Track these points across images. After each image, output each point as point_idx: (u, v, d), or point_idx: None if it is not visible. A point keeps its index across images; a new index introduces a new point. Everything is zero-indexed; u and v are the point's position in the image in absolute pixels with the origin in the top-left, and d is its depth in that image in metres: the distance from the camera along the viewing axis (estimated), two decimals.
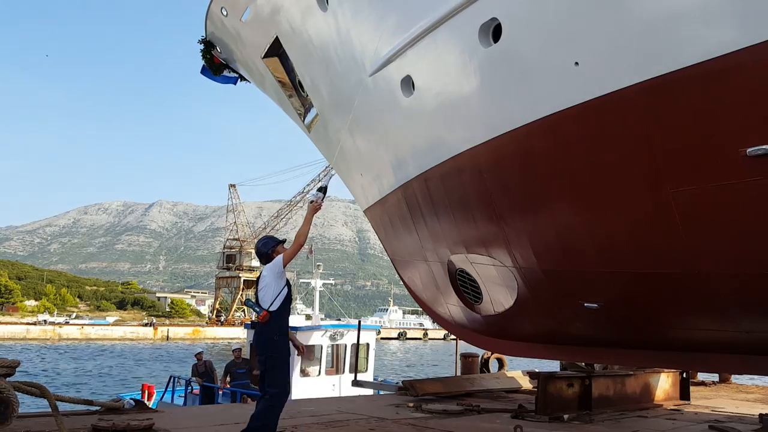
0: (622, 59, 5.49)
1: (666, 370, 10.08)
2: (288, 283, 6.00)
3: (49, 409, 6.18)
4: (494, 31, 6.56)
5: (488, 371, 12.88)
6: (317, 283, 21.38)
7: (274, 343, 5.77)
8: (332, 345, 17.97)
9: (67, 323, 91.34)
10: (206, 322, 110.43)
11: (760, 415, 7.92)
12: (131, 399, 16.21)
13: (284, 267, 5.92)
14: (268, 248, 6.15)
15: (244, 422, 7.32)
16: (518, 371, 12.19)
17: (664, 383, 10.21)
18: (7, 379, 5.59)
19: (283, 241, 6.29)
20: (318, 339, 17.54)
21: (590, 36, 5.69)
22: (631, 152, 5.75)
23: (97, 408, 7.50)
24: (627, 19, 5.39)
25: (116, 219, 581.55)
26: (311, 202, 6.22)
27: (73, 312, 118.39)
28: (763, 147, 4.83)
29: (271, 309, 5.82)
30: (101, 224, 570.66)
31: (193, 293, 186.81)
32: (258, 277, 6.17)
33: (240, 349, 17.79)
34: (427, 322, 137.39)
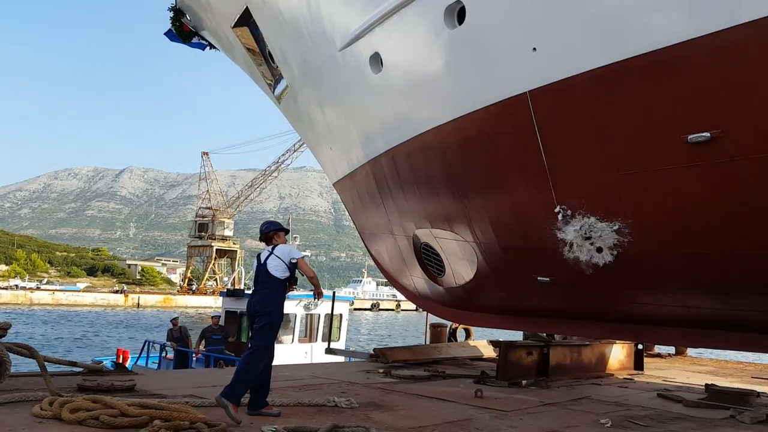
0: (576, 47, 5.76)
1: (620, 342, 10.64)
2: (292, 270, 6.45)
3: (37, 369, 6.50)
4: (459, 13, 6.75)
5: (455, 340, 13.38)
6: None
7: (275, 305, 6.21)
8: (306, 314, 18.39)
9: (38, 288, 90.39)
10: (177, 291, 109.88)
11: (707, 385, 8.48)
12: (112, 362, 16.52)
13: (296, 267, 6.43)
14: (269, 230, 6.64)
15: (221, 385, 7.68)
16: (483, 341, 12.69)
17: (619, 354, 10.79)
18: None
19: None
20: (292, 308, 17.91)
21: (548, 23, 5.94)
22: (583, 136, 6.05)
23: (80, 369, 7.77)
24: (581, 9, 5.65)
25: (87, 185, 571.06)
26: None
27: (44, 277, 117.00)
28: (704, 134, 5.15)
29: (280, 276, 6.32)
30: (71, 190, 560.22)
31: (164, 261, 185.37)
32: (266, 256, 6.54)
33: (219, 317, 18.08)
34: (400, 293, 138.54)
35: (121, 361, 19.06)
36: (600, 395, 8.22)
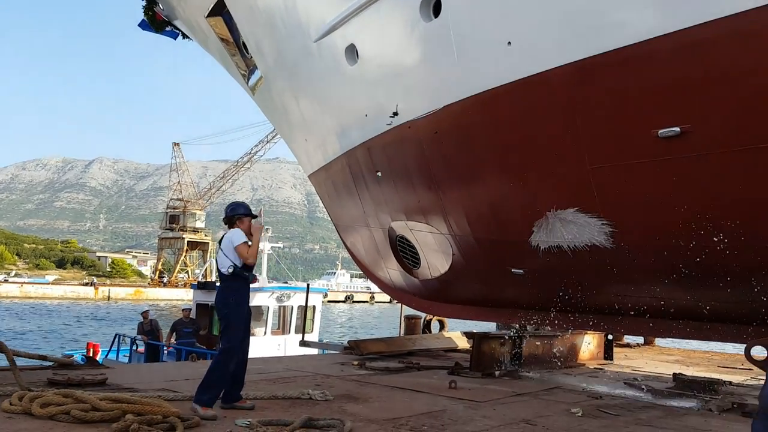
0: (550, 42, 5.83)
1: (591, 332, 10.82)
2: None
3: (5, 364, 6.38)
4: (435, 6, 6.76)
5: (430, 332, 13.46)
6: (266, 246, 21.56)
7: (227, 305, 5.87)
8: (279, 306, 18.33)
9: (6, 281, 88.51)
10: (148, 283, 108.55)
11: (674, 374, 8.68)
12: (83, 355, 16.29)
13: (236, 253, 5.84)
14: (233, 213, 6.14)
15: (193, 378, 7.63)
16: (457, 332, 12.79)
17: (590, 344, 10.98)
18: None
19: (255, 216, 6.31)
20: (264, 300, 17.84)
21: (522, 18, 5.99)
22: (556, 130, 6.12)
23: (50, 363, 7.65)
24: (556, 4, 5.72)
25: (55, 175, 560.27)
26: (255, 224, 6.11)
27: (12, 270, 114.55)
28: (673, 129, 5.24)
29: (225, 272, 5.88)
30: (40, 180, 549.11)
31: (134, 253, 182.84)
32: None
33: (189, 309, 17.95)
34: (374, 285, 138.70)
35: (91, 354, 18.83)
36: (571, 385, 8.37)
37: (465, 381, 8.08)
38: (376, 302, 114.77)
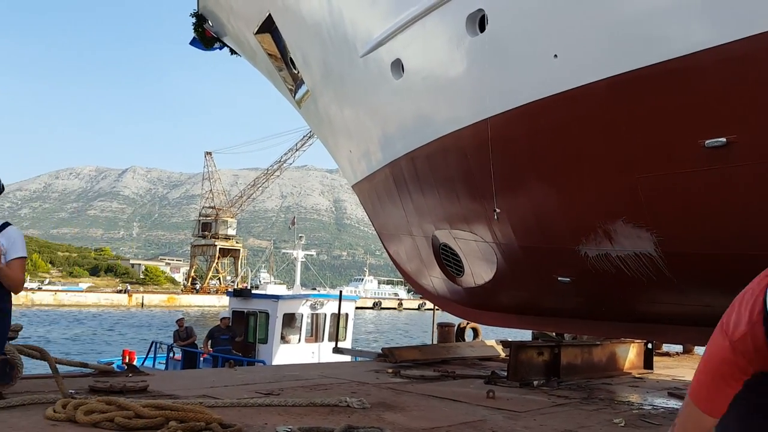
0: (597, 54, 5.90)
1: (631, 341, 10.65)
2: None
3: (48, 371, 6.47)
4: (480, 21, 6.90)
5: (463, 340, 13.38)
6: (299, 254, 21.70)
7: None
8: (312, 314, 18.42)
9: (39, 289, 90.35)
10: (181, 290, 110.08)
11: None
12: (124, 363, 16.54)
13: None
14: None
15: (232, 385, 7.71)
16: (492, 340, 12.69)
17: (629, 353, 10.79)
18: (11, 342, 5.85)
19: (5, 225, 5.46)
20: (299, 308, 17.96)
21: (569, 31, 6.08)
22: (603, 140, 6.17)
23: (91, 370, 7.76)
24: (602, 17, 5.80)
25: (88, 184, 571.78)
26: None
27: (46, 278, 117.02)
28: (720, 139, 5.27)
29: None
30: (73, 189, 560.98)
31: (167, 260, 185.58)
32: None
33: (228, 318, 18.11)
34: (402, 292, 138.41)
35: (127, 362, 19.12)
36: (612, 394, 8.25)
37: (503, 390, 8.00)
38: (404, 309, 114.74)
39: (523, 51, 6.57)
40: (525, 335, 12.85)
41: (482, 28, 6.87)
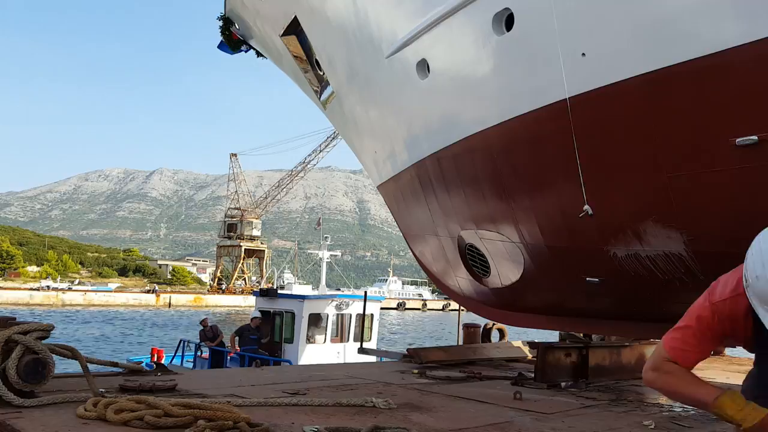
0: (625, 52, 5.82)
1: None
2: None
3: (79, 370, 6.56)
4: (507, 20, 6.85)
5: (489, 341, 13.28)
6: (324, 255, 21.79)
7: None
8: (337, 314, 18.49)
9: (69, 289, 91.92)
10: (207, 290, 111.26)
11: None
12: (152, 362, 16.78)
13: None
14: None
15: (259, 384, 7.75)
16: (519, 341, 12.58)
17: None
18: (43, 341, 5.94)
19: None
20: (325, 308, 18.04)
21: (597, 29, 6.01)
22: (632, 139, 6.10)
23: (121, 369, 7.85)
24: (631, 15, 5.72)
25: (117, 186, 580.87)
26: None
27: (75, 278, 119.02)
28: (751, 137, 5.19)
29: None
30: (102, 191, 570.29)
31: (194, 261, 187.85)
32: None
33: (259, 318, 18.25)
34: (426, 292, 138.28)
35: (155, 360, 19.41)
36: (641, 396, 8.12)
37: (530, 392, 7.92)
38: (428, 309, 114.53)
39: (550, 49, 6.49)
40: (552, 336, 12.72)
41: (509, 27, 6.83)
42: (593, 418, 6.52)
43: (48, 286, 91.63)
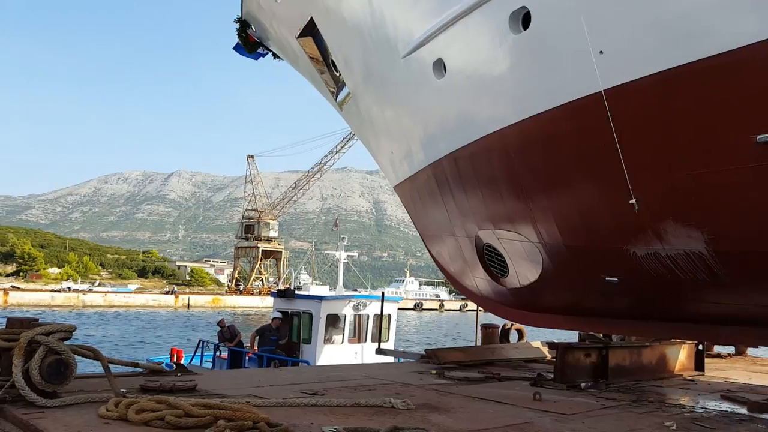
0: (643, 50, 5.77)
1: (681, 342, 10.37)
2: None
3: (101, 371, 6.63)
4: (524, 19, 6.81)
5: (508, 342, 13.21)
6: (341, 255, 21.83)
7: None
8: (355, 315, 18.50)
9: (90, 290, 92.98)
10: (225, 291, 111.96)
11: None
12: (172, 362, 16.94)
13: None
14: None
15: (278, 384, 7.78)
16: (537, 342, 12.50)
17: (680, 355, 10.51)
18: (65, 342, 6.01)
19: None
20: (342, 308, 18.07)
21: (615, 26, 5.95)
22: (650, 137, 6.04)
23: (142, 370, 7.92)
24: (649, 12, 5.66)
25: (136, 188, 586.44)
26: None
27: (96, 280, 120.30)
28: None
29: None
30: (121, 193, 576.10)
31: (212, 262, 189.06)
32: None
33: (279, 318, 18.32)
34: (443, 293, 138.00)
35: (175, 360, 19.58)
36: (662, 397, 8.05)
37: (549, 393, 7.87)
38: (445, 310, 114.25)
39: (567, 48, 6.45)
40: (571, 337, 12.63)
41: (525, 26, 6.80)
42: (614, 419, 6.47)
43: (69, 288, 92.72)
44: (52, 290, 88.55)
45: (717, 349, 13.94)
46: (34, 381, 5.50)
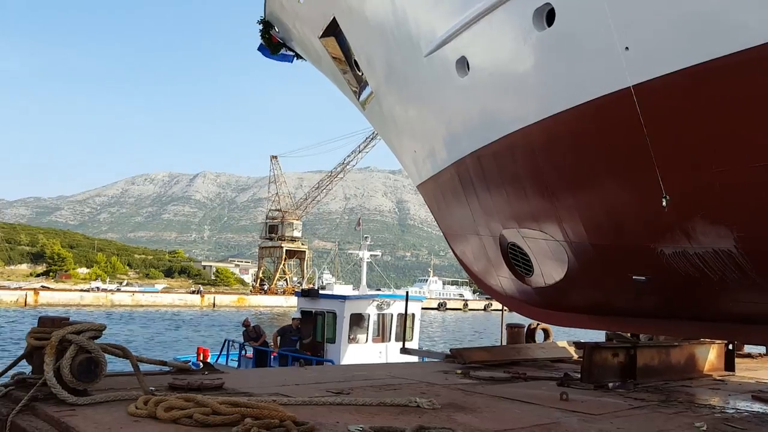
0: (670, 45, 5.67)
1: (711, 342, 10.21)
2: None
3: (130, 369, 6.73)
4: (548, 15, 6.74)
5: (534, 341, 13.11)
6: (365, 255, 21.88)
7: None
8: (379, 314, 18.54)
9: (118, 290, 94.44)
10: (250, 291, 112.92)
11: None
12: (198, 360, 17.15)
13: None
14: None
15: (303, 383, 7.82)
16: (564, 341, 12.39)
17: (709, 354, 10.34)
18: (95, 341, 6.10)
19: None
20: (366, 308, 18.11)
21: (641, 22, 5.86)
22: (678, 133, 5.93)
23: (170, 368, 8.01)
24: (676, 7, 5.56)
25: (162, 189, 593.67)
26: None
27: (124, 279, 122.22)
28: None
29: None
30: (148, 194, 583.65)
31: (237, 262, 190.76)
32: None
33: (300, 319, 18.47)
34: (468, 293, 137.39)
35: (201, 359, 19.79)
36: (691, 397, 7.94)
37: (576, 393, 7.80)
38: (469, 310, 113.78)
39: (592, 44, 6.37)
40: (597, 336, 12.51)
41: (550, 23, 6.72)
42: (643, 420, 6.39)
43: (98, 288, 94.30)
44: (81, 290, 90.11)
45: (747, 348, 13.70)
46: (65, 379, 5.59)
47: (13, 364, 6.42)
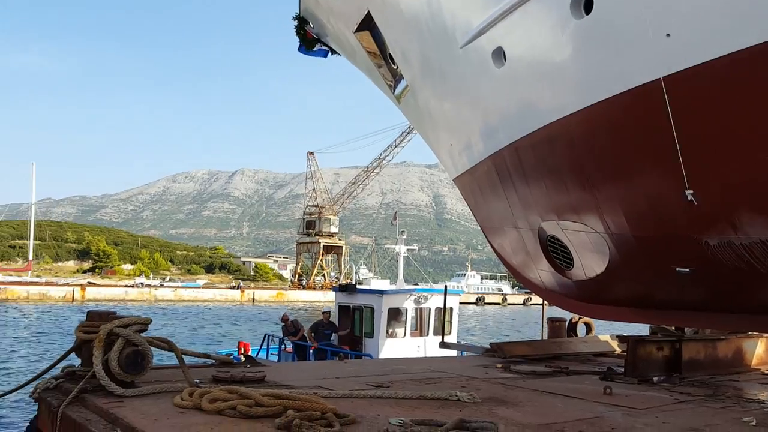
0: (713, 30, 5.52)
1: (759, 335, 9.94)
2: None
3: (175, 362, 6.88)
4: (586, 3, 6.62)
5: (576, 335, 12.94)
6: (401, 249, 21.90)
7: None
8: (416, 308, 18.54)
9: (161, 286, 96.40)
10: (289, 286, 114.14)
11: None
12: (240, 354, 17.45)
13: None
14: None
15: (342, 377, 7.89)
16: (606, 335, 12.22)
17: (758, 348, 10.07)
18: (141, 334, 6.26)
19: None
20: (404, 302, 18.13)
21: (682, 6, 5.71)
22: (721, 121, 5.78)
23: (213, 361, 8.16)
24: None
25: (202, 187, 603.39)
26: None
27: (166, 275, 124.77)
28: None
29: None
30: (188, 192, 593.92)
31: (275, 258, 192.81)
32: None
33: (329, 312, 18.65)
34: (506, 287, 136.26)
35: (242, 353, 20.09)
36: (739, 392, 7.74)
37: (620, 387, 7.68)
38: (508, 304, 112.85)
39: (631, 31, 6.22)
40: (640, 330, 12.28)
41: (588, 11, 6.60)
42: (689, 414, 6.26)
43: (141, 283, 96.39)
44: (126, 285, 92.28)
45: None
46: (113, 371, 5.75)
47: (63, 357, 6.63)
